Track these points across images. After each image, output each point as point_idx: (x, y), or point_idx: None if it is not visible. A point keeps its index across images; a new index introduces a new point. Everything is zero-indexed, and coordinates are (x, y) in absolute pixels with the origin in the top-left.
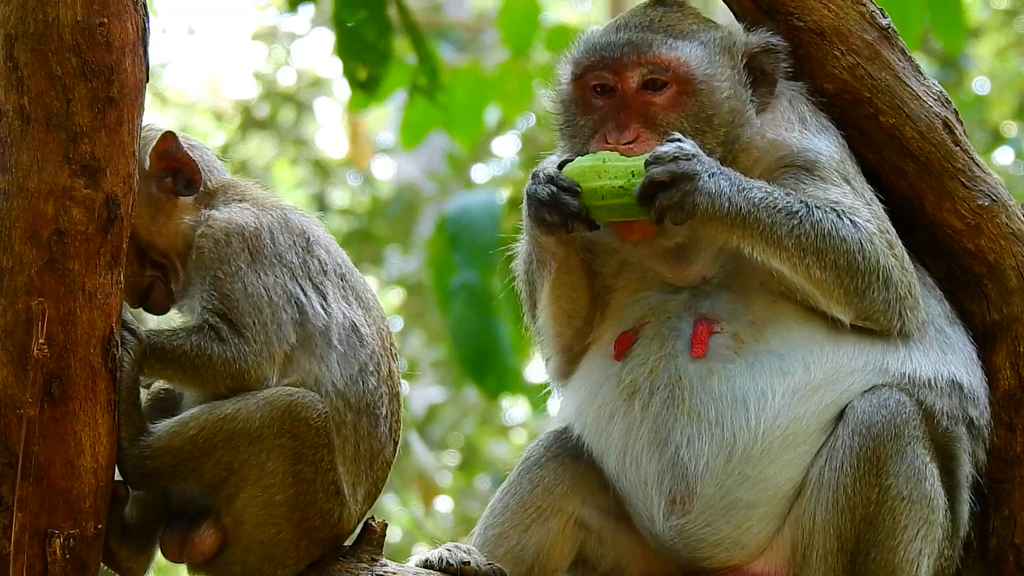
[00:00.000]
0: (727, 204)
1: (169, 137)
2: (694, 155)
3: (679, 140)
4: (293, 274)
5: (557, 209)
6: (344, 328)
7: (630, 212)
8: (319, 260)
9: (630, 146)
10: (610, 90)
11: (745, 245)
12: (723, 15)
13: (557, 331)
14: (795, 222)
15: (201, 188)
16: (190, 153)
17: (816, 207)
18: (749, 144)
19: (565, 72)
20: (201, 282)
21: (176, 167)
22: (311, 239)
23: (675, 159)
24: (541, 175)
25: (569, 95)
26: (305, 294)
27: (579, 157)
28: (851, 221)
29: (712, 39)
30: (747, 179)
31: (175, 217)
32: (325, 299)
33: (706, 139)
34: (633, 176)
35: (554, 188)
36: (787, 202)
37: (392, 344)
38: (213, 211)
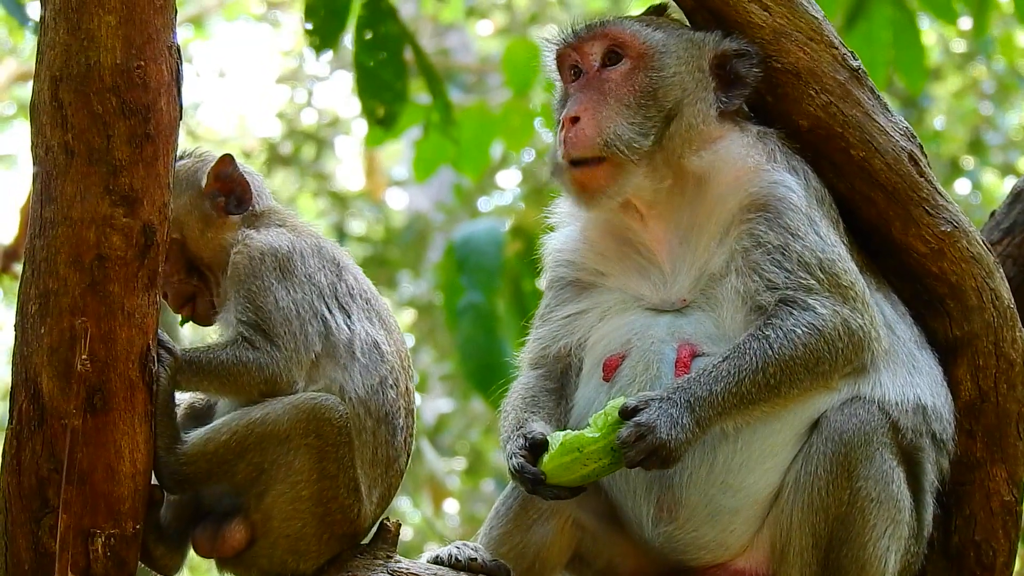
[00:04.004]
0: (699, 428)
1: (227, 159)
2: (652, 424)
3: (635, 419)
4: (321, 294)
5: (540, 496)
6: (366, 344)
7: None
8: (347, 285)
9: (574, 129)
10: (580, 73)
11: (729, 425)
12: None
13: None
14: (759, 376)
15: (250, 209)
16: (245, 176)
17: (769, 329)
18: (700, 138)
19: (547, 57)
20: (236, 295)
21: (230, 188)
22: (342, 266)
23: (640, 437)
24: (515, 463)
25: (558, 95)
26: (330, 312)
27: (548, 452)
28: (807, 315)
29: (678, 32)
30: (701, 376)
31: (223, 233)
32: (349, 317)
33: (648, 112)
34: (614, 451)
35: (531, 484)
36: (742, 362)
37: (409, 365)
38: (252, 231)
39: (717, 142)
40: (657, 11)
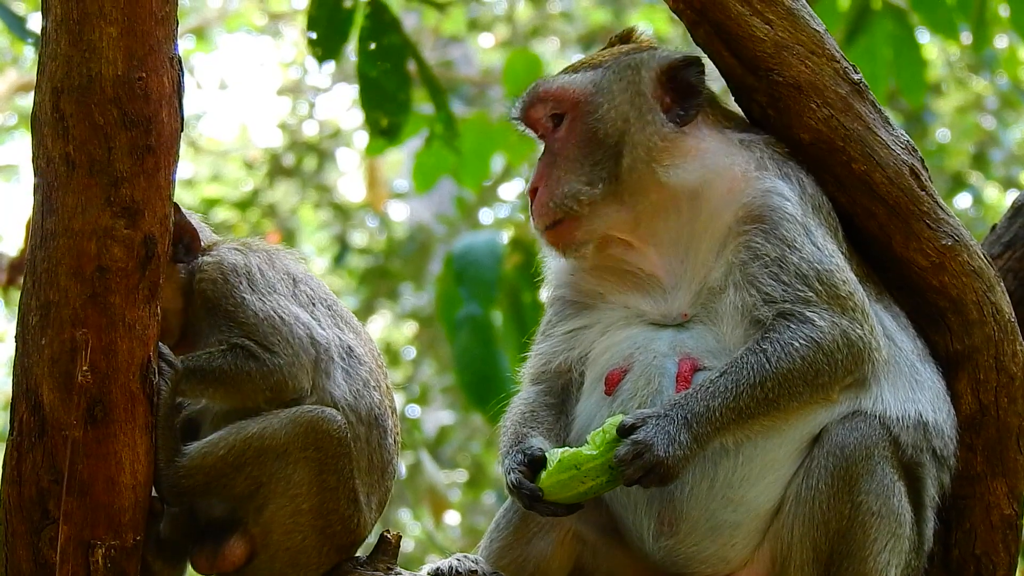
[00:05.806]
0: (696, 445)
1: (174, 207)
2: (649, 442)
3: (632, 437)
4: (288, 300)
5: (537, 512)
6: (342, 349)
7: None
8: (306, 294)
9: (536, 201)
10: (543, 137)
11: (729, 440)
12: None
13: None
14: (757, 391)
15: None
16: (192, 222)
17: (767, 343)
18: (666, 153)
19: (520, 129)
20: (214, 321)
21: (178, 234)
22: (296, 279)
23: (638, 455)
24: (513, 478)
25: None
26: (306, 314)
27: (547, 469)
28: (805, 328)
29: (617, 62)
30: (698, 392)
31: (169, 279)
32: (319, 324)
33: (595, 158)
34: (612, 469)
35: (528, 500)
36: (740, 377)
37: (383, 363)
38: (204, 257)
39: (696, 152)
40: (622, 39)
